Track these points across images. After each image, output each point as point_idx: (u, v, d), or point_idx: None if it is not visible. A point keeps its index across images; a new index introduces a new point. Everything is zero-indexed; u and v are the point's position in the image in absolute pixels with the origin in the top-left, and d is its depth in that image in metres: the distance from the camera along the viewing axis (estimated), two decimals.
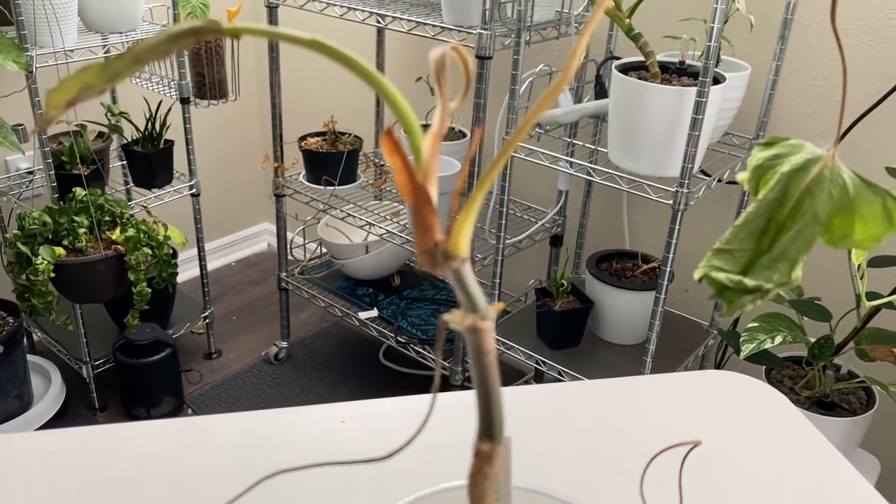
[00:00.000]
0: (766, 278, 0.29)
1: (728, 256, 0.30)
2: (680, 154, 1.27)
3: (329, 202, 1.87)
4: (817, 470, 0.60)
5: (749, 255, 0.30)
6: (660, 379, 0.70)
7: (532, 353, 1.62)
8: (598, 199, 1.86)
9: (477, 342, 0.23)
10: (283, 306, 2.17)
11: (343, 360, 2.21)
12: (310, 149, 1.90)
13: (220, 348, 2.23)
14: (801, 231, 0.29)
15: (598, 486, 0.52)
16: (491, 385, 0.24)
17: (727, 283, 0.28)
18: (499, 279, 1.61)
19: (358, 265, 2.03)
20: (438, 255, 0.22)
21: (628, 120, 1.31)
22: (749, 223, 0.30)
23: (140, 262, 1.73)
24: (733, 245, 0.30)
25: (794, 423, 0.66)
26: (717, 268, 0.29)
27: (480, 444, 0.24)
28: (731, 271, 0.29)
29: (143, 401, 1.91)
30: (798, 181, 0.29)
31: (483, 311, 0.23)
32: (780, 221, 0.30)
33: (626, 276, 1.64)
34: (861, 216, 0.28)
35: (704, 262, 0.31)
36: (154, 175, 1.93)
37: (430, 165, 0.21)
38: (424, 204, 0.21)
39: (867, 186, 0.29)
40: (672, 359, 1.56)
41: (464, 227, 0.22)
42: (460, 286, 0.23)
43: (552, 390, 0.68)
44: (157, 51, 0.21)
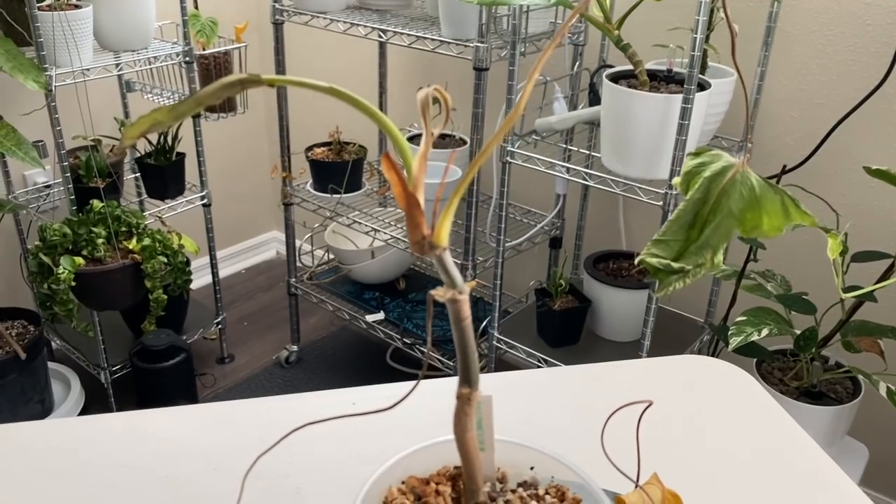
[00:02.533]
0: (693, 262, 0.36)
1: (664, 245, 0.37)
2: (669, 158, 1.33)
3: (335, 210, 1.94)
4: (781, 445, 0.67)
5: (681, 244, 0.37)
6: (640, 363, 0.77)
7: (533, 351, 1.69)
8: (594, 201, 1.92)
9: (456, 310, 0.30)
10: (293, 311, 2.24)
11: (351, 361, 2.27)
12: (316, 158, 1.97)
13: (232, 353, 2.30)
14: (720, 224, 0.36)
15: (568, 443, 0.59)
16: (467, 342, 0.31)
17: (659, 266, 0.35)
18: (499, 280, 1.67)
19: (364, 270, 2.10)
20: (426, 245, 0.29)
21: (619, 126, 1.38)
22: (680, 218, 0.37)
23: (156, 270, 1.81)
24: (668, 236, 0.37)
25: (757, 399, 0.72)
26: (653, 254, 0.36)
27: (461, 389, 0.32)
28: (666, 257, 0.36)
29: (159, 404, 1.98)
30: (717, 184, 0.36)
31: (460, 286, 0.31)
32: (704, 216, 0.37)
33: (622, 275, 1.70)
34: (766, 211, 0.35)
35: (645, 250, 0.38)
36: (167, 187, 2.00)
37: (419, 179, 0.28)
38: (414, 207, 0.28)
39: (769, 187, 0.36)
40: (667, 353, 1.62)
41: (444, 224, 0.30)
42: (442, 268, 0.31)
43: (542, 374, 0.75)
44: (214, 95, 0.29)
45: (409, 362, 2.21)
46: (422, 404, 0.68)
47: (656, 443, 0.65)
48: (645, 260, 0.35)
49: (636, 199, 1.40)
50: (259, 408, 0.70)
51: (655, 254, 0.36)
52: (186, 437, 0.65)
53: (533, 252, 2.01)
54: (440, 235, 0.29)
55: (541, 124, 1.61)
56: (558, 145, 1.66)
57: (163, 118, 0.30)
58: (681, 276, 0.34)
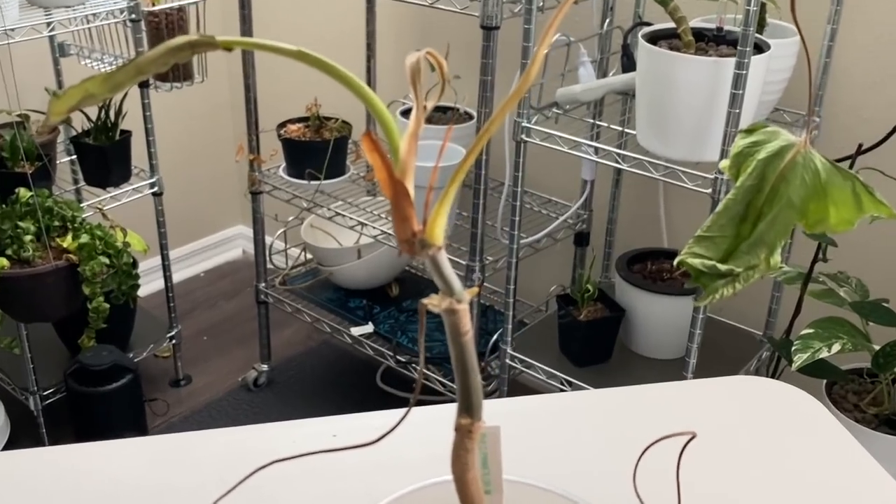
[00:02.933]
0: (744, 264, 0.36)
1: (709, 243, 0.37)
2: (719, 136, 1.33)
3: (314, 199, 1.95)
4: (855, 484, 0.67)
5: (730, 241, 0.37)
6: (684, 386, 0.77)
7: (554, 371, 1.69)
8: (629, 189, 1.92)
9: (454, 323, 0.30)
10: (263, 323, 2.24)
11: (333, 384, 2.28)
12: (290, 137, 1.97)
13: (189, 373, 2.30)
14: (777, 216, 0.36)
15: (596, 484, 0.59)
16: (468, 363, 0.31)
17: (702, 269, 0.35)
18: (513, 285, 1.68)
19: (349, 272, 2.10)
20: (416, 244, 0.29)
21: (658, 97, 1.38)
22: (728, 210, 0.37)
23: (96, 274, 1.81)
24: (714, 232, 0.37)
25: (826, 429, 0.72)
26: (696, 254, 0.36)
27: (460, 420, 0.32)
28: (711, 257, 0.36)
29: (101, 436, 1.98)
30: (773, 167, 0.36)
31: (459, 293, 0.31)
32: (759, 207, 0.37)
33: (662, 278, 1.70)
34: (833, 200, 0.35)
35: (686, 249, 0.38)
36: (109, 172, 2.00)
37: (407, 162, 0.28)
38: (402, 197, 0.28)
39: (837, 172, 0.36)
40: (718, 374, 1.62)
41: (438, 218, 0.30)
42: (437, 272, 0.31)
43: (564, 399, 0.75)
44: (158, 62, 0.29)
45: (403, 385, 2.21)
46: (417, 436, 0.68)
47: (701, 483, 0.65)
48: (685, 261, 0.35)
49: (679, 185, 1.40)
50: (221, 440, 0.70)
51: (698, 253, 0.36)
52: (133, 477, 0.66)
53: (554, 250, 2.01)
54: (433, 231, 0.29)
55: (563, 95, 1.61)
56: (584, 120, 1.66)
57: (96, 90, 0.30)
58: (729, 280, 0.34)
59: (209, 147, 2.71)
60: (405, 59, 0.29)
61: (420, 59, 0.28)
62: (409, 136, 0.29)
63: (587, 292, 1.69)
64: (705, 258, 0.35)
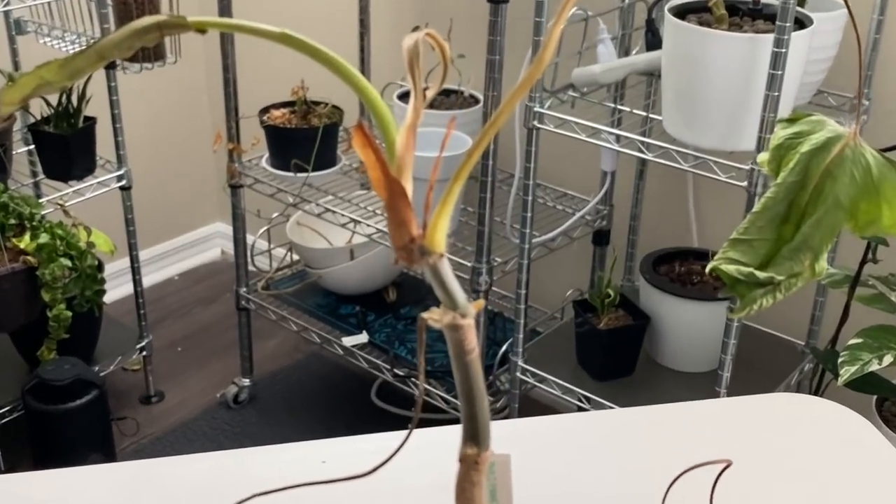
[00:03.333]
0: (786, 271, 0.36)
1: (746, 247, 0.37)
2: (755, 122, 1.33)
3: (301, 194, 1.94)
4: None
5: (769, 245, 0.37)
6: (717, 405, 0.77)
7: (571, 386, 1.69)
8: (654, 181, 1.92)
9: (458, 340, 0.30)
10: (244, 332, 2.24)
11: (323, 401, 2.27)
12: (274, 124, 1.97)
13: (161, 389, 2.30)
14: (823, 217, 0.36)
15: None
16: (474, 385, 0.31)
17: (738, 277, 0.35)
18: (524, 290, 1.67)
19: (341, 276, 2.10)
20: (415, 251, 0.29)
21: (687, 79, 1.37)
22: (768, 210, 0.37)
23: (57, 278, 1.81)
24: (752, 234, 0.37)
25: (876, 451, 0.72)
26: (731, 260, 0.36)
27: (466, 449, 0.31)
28: (749, 264, 0.36)
29: (62, 460, 1.98)
30: (818, 162, 0.36)
31: (463, 307, 0.30)
32: (802, 207, 0.36)
33: (692, 281, 1.70)
34: (887, 199, 0.35)
35: (720, 254, 0.38)
36: (71, 163, 2.00)
37: (405, 159, 0.28)
38: (399, 198, 0.28)
39: (892, 166, 0.35)
40: (755, 389, 1.61)
41: (440, 221, 0.29)
42: (438, 282, 0.30)
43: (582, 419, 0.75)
44: (122, 46, 0.28)
45: (402, 401, 2.21)
46: (417, 462, 0.68)
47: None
48: (719, 268, 0.34)
49: (711, 177, 1.40)
50: (196, 467, 0.69)
51: (734, 259, 0.35)
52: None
53: (571, 251, 2.00)
54: (434, 237, 0.29)
55: (580, 76, 1.60)
56: (604, 104, 1.66)
57: (52, 77, 0.30)
58: (769, 290, 0.34)
59: (183, 135, 2.70)
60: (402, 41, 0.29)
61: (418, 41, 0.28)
62: (406, 129, 0.28)
63: (608, 297, 1.69)
64: (742, 264, 0.35)
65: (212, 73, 2.60)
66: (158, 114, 2.63)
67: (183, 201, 2.78)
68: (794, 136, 0.37)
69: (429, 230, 0.29)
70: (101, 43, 0.29)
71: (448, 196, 0.29)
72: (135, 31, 0.28)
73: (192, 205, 2.82)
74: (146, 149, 2.56)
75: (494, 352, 1.89)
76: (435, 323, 0.30)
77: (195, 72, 2.65)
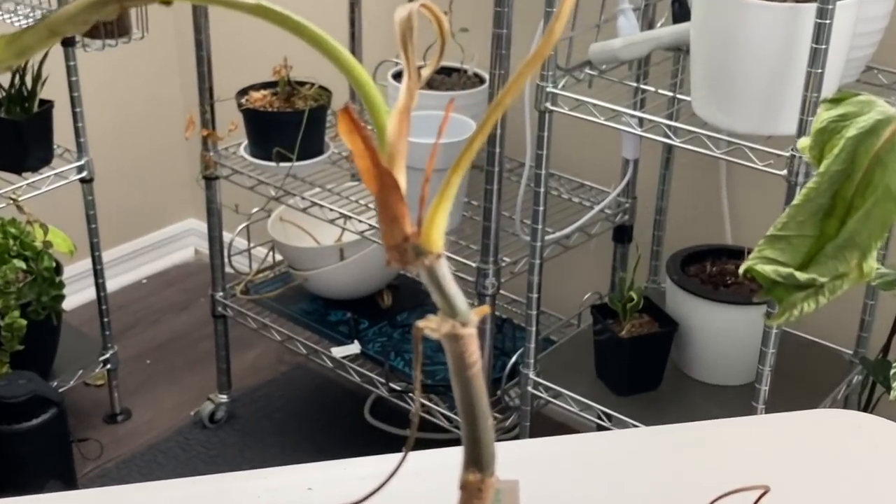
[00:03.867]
0: (830, 272, 0.35)
1: (785, 245, 0.37)
2: (796, 102, 1.33)
3: (285, 186, 1.94)
4: None
5: (811, 242, 0.37)
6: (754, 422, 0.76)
7: (590, 401, 1.68)
8: (682, 171, 1.92)
9: (458, 352, 0.30)
10: (221, 342, 2.23)
11: (311, 419, 2.27)
12: (254, 107, 1.97)
13: (128, 407, 2.30)
14: (872, 210, 0.36)
15: None
16: (476, 403, 0.30)
17: (776, 278, 0.35)
18: (536, 294, 1.67)
19: (329, 278, 2.10)
20: (409, 251, 0.29)
21: (720, 54, 1.37)
22: (809, 202, 0.36)
23: (9, 282, 1.81)
24: (791, 230, 0.37)
25: None
26: (768, 259, 0.36)
27: (467, 475, 0.31)
28: (788, 263, 0.36)
29: (17, 487, 1.98)
30: (867, 148, 0.36)
31: (464, 315, 0.30)
32: (848, 199, 0.36)
33: (726, 283, 1.70)
34: None
35: (755, 252, 0.38)
36: (26, 153, 2.00)
37: (397, 147, 0.28)
38: (391, 192, 0.28)
39: None
40: (797, 404, 1.61)
41: (438, 217, 0.29)
42: (435, 287, 0.30)
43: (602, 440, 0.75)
44: (76, 20, 0.28)
45: (398, 419, 2.21)
46: (414, 488, 0.68)
47: None
48: (754, 268, 0.34)
49: (747, 165, 1.39)
50: (167, 495, 0.69)
51: (771, 258, 0.35)
52: None
53: (588, 249, 2.00)
54: (431, 235, 0.29)
55: (599, 52, 1.60)
56: (626, 84, 1.65)
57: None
58: (811, 293, 0.34)
59: (152, 121, 2.70)
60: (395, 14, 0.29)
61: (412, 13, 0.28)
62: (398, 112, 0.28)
63: (630, 302, 1.68)
64: (780, 264, 0.35)
65: (183, 51, 2.59)
66: (123, 97, 2.62)
67: (151, 195, 2.78)
68: (839, 119, 0.37)
69: (424, 227, 0.29)
70: (53, 17, 0.29)
71: (446, 188, 0.29)
72: (91, 4, 0.28)
73: (162, 199, 2.82)
74: (110, 136, 2.56)
75: (503, 364, 1.89)
76: (432, 332, 0.30)
77: (165, 49, 2.65)
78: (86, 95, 2.02)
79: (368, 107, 0.29)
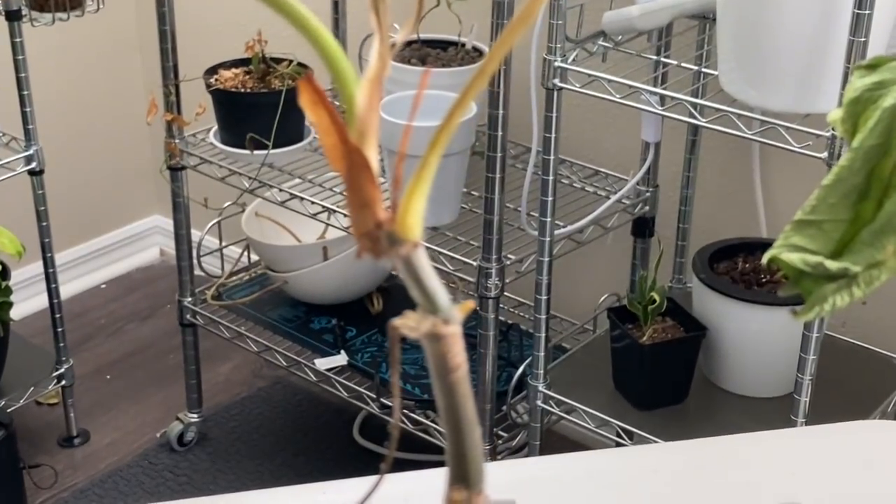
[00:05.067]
0: (865, 260, 0.35)
1: (814, 231, 0.36)
2: (837, 76, 1.33)
3: (260, 177, 1.94)
4: None
5: (844, 227, 0.36)
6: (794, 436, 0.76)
7: (607, 417, 1.68)
8: (710, 154, 1.92)
9: (439, 354, 0.30)
10: (190, 354, 2.23)
11: (292, 440, 2.27)
12: (225, 88, 1.96)
13: (85, 428, 2.30)
14: None
15: None
16: (461, 411, 0.30)
17: (803, 268, 0.34)
18: (546, 295, 1.67)
19: (312, 280, 2.10)
20: (382, 240, 0.28)
21: (751, 22, 1.37)
22: (842, 182, 0.36)
23: None
24: (821, 214, 0.36)
25: None
26: (794, 247, 0.36)
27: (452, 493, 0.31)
28: (817, 251, 0.36)
29: None
30: None
31: (445, 311, 0.30)
32: (885, 178, 0.36)
33: (760, 282, 1.70)
34: None
35: (780, 240, 0.37)
36: None
37: (368, 121, 0.28)
38: (361, 172, 0.27)
39: None
40: (841, 416, 1.61)
41: (413, 202, 0.29)
42: (413, 280, 0.30)
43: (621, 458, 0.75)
44: None
45: (389, 438, 2.20)
46: None
47: None
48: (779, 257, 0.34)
49: (782, 147, 1.39)
50: None
51: (798, 245, 0.35)
52: None
53: (604, 245, 2.00)
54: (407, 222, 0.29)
55: (614, 21, 1.60)
56: (644, 56, 1.65)
57: None
58: (843, 284, 0.34)
59: (110, 104, 2.70)
60: None
61: None
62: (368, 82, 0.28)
63: (652, 304, 1.68)
64: (809, 252, 0.35)
65: (144, 25, 2.59)
66: (77, 77, 2.62)
67: (110, 188, 2.78)
68: (875, 87, 0.37)
69: (399, 212, 0.29)
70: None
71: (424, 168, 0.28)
72: None
73: (122, 193, 2.82)
74: (62, 122, 2.56)
75: (509, 375, 1.89)
76: (410, 332, 0.30)
77: (123, 23, 2.65)
78: (34, 77, 2.02)
79: (334, 75, 0.29)
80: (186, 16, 2.06)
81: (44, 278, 2.17)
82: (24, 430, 2.26)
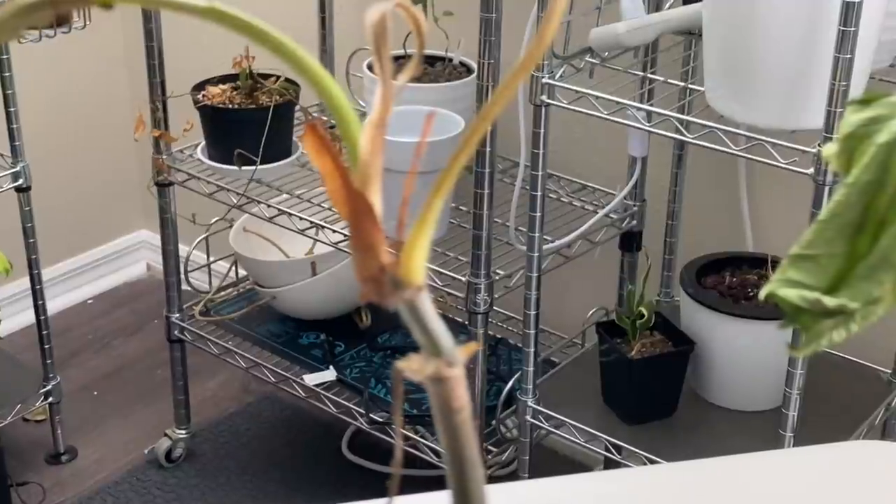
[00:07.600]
0: (863, 296, 0.35)
1: (811, 265, 0.37)
2: (822, 92, 1.33)
3: (248, 192, 1.94)
4: None
5: (840, 261, 0.37)
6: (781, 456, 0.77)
7: (596, 431, 1.68)
8: (697, 170, 1.92)
9: (443, 396, 0.30)
10: (178, 370, 2.22)
11: (281, 456, 2.27)
12: (212, 104, 1.96)
13: (73, 445, 2.29)
14: None
15: None
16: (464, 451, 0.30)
17: (801, 304, 0.35)
18: (535, 310, 1.67)
19: (300, 295, 2.10)
20: (386, 284, 0.29)
21: (736, 38, 1.37)
22: (838, 217, 0.37)
23: None
24: (818, 248, 0.37)
25: None
26: (792, 282, 0.36)
27: None
28: (814, 286, 0.36)
29: None
30: None
31: (449, 354, 0.30)
32: (881, 213, 0.36)
33: (747, 296, 1.70)
34: None
35: (777, 274, 0.38)
36: None
37: (372, 165, 0.28)
38: (364, 216, 0.28)
39: None
40: (829, 430, 1.62)
41: (417, 246, 0.29)
42: (417, 323, 0.30)
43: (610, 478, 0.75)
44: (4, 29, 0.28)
45: (380, 454, 2.20)
46: None
47: None
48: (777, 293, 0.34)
49: (769, 163, 1.40)
50: None
51: (796, 281, 0.35)
52: None
53: (592, 259, 2.00)
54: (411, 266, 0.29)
55: (601, 37, 1.61)
56: (631, 73, 1.66)
57: None
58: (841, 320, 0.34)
59: (97, 120, 2.70)
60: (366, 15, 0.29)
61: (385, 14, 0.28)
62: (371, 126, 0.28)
63: (640, 318, 1.69)
64: (805, 287, 0.35)
65: (131, 41, 2.59)
66: (64, 93, 2.62)
67: (97, 204, 2.77)
68: (869, 123, 0.37)
69: (403, 256, 0.29)
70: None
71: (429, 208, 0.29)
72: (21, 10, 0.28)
73: (110, 209, 2.81)
74: (49, 138, 2.56)
75: (498, 390, 1.89)
76: (414, 374, 0.30)
77: (111, 39, 2.65)
78: (21, 93, 2.02)
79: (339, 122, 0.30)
80: (173, 32, 2.06)
81: (30, 294, 2.17)
82: (12, 447, 2.25)
